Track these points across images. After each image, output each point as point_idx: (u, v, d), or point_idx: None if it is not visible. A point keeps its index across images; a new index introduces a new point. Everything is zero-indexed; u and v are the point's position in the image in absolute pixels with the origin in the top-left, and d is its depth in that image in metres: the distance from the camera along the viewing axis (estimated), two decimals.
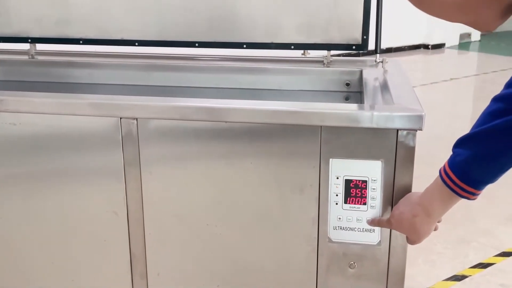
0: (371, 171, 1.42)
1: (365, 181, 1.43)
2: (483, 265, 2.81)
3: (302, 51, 2.03)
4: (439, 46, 9.17)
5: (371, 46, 1.90)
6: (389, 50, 8.35)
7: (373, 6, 1.86)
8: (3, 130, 1.58)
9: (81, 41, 2.09)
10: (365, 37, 1.90)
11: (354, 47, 1.93)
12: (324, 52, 1.97)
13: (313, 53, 2.01)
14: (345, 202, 1.45)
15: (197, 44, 2.02)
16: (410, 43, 8.92)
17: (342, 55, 2.44)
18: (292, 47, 1.97)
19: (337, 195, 1.45)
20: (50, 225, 1.64)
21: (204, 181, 1.52)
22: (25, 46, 2.15)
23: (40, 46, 2.18)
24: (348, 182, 1.44)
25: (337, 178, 1.44)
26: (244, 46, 1.99)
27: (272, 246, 1.53)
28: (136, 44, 2.07)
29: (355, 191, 1.44)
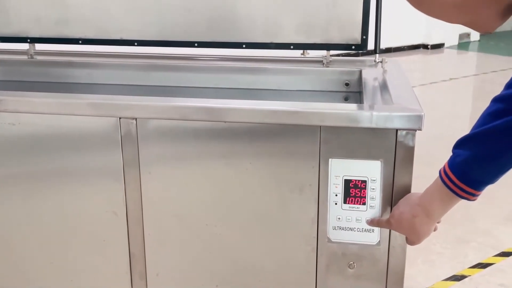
0: (371, 171, 1.42)
1: (365, 181, 1.43)
2: (483, 265, 2.81)
3: (302, 51, 2.03)
4: (439, 46, 9.17)
5: (371, 46, 1.90)
6: (389, 50, 8.36)
7: (373, 6, 1.86)
8: (3, 130, 1.58)
9: (81, 41, 2.09)
10: (365, 37, 1.90)
11: (354, 47, 1.93)
12: (324, 52, 1.97)
13: (313, 53, 2.01)
14: (345, 202, 1.45)
15: (197, 44, 2.02)
16: (410, 43, 8.93)
17: (342, 55, 2.44)
18: (292, 47, 1.97)
19: (337, 195, 1.45)
20: (50, 225, 1.64)
21: (204, 181, 1.52)
22: (24, 46, 2.15)
23: (40, 46, 2.18)
24: (348, 182, 1.44)
25: (337, 178, 1.44)
26: (244, 46, 1.99)
27: (272, 246, 1.53)
28: (136, 44, 2.06)
29: (355, 191, 1.44)
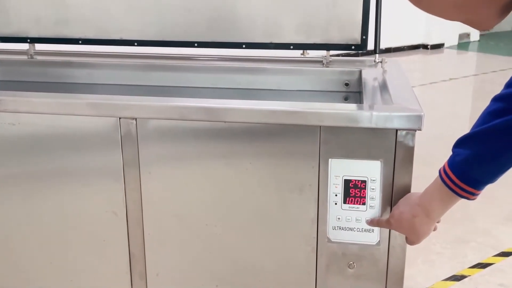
0: (370, 171, 1.42)
1: (364, 181, 1.43)
2: (482, 265, 2.81)
3: (301, 51, 2.03)
4: (438, 46, 9.17)
5: (370, 46, 1.90)
6: (388, 50, 8.36)
7: (373, 6, 1.86)
8: (2, 130, 1.58)
9: (80, 41, 2.09)
10: (364, 37, 1.90)
11: (353, 47, 1.93)
12: (323, 52, 1.97)
13: (312, 53, 2.01)
14: (344, 202, 1.45)
15: (196, 44, 2.02)
16: (409, 43, 8.93)
17: (341, 55, 2.44)
18: (291, 47, 1.97)
19: (336, 195, 1.45)
20: (49, 225, 1.64)
21: (203, 181, 1.52)
22: (24, 46, 2.15)
23: (39, 46, 2.18)
24: (347, 182, 1.44)
25: (336, 178, 1.44)
26: (243, 46, 1.99)
27: (271, 246, 1.53)
28: (135, 44, 2.06)
29: (354, 191, 1.44)
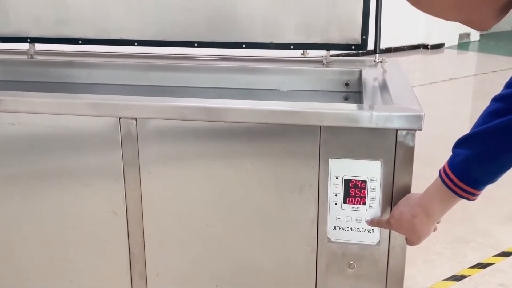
0: (371, 171, 1.42)
1: (365, 181, 1.43)
2: (482, 265, 2.81)
3: (302, 51, 2.03)
4: (438, 46, 9.17)
5: (371, 46, 1.90)
6: (389, 50, 8.35)
7: (373, 6, 1.86)
8: (2, 130, 1.58)
9: (80, 41, 2.09)
10: (365, 37, 1.90)
11: (354, 47, 1.93)
12: (324, 52, 1.97)
13: (313, 53, 2.01)
14: (345, 202, 1.45)
15: (197, 44, 2.02)
16: (410, 43, 8.92)
17: (342, 55, 2.44)
18: (292, 47, 1.97)
19: (337, 195, 1.45)
20: (49, 225, 1.64)
21: (203, 181, 1.52)
22: (24, 46, 2.15)
23: (39, 46, 2.18)
24: (348, 182, 1.44)
25: (337, 178, 1.44)
26: (244, 46, 1.99)
27: (271, 246, 1.53)
28: (136, 44, 2.06)
29: (355, 191, 1.44)
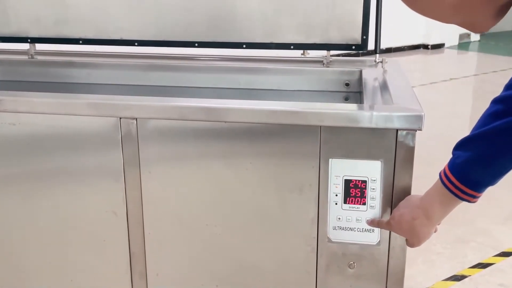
0: (371, 171, 1.42)
1: (365, 181, 1.43)
2: (482, 265, 2.81)
3: (302, 51, 2.03)
4: (439, 46, 9.17)
5: (371, 46, 1.90)
6: (389, 50, 8.35)
7: (373, 6, 1.86)
8: (2, 130, 1.58)
9: (81, 41, 2.09)
10: (365, 37, 1.90)
11: (354, 47, 1.93)
12: (324, 52, 1.97)
13: (313, 53, 2.01)
14: (345, 202, 1.45)
15: (197, 44, 2.02)
16: (410, 43, 8.92)
17: (342, 55, 2.44)
18: (292, 47, 1.97)
19: (337, 195, 1.45)
20: (49, 225, 1.64)
21: (204, 181, 1.52)
22: (25, 46, 2.15)
23: (40, 46, 2.18)
24: (348, 182, 1.44)
25: (337, 178, 1.44)
26: (244, 46, 1.99)
27: (272, 246, 1.53)
28: (136, 44, 2.06)
29: (355, 191, 1.44)
